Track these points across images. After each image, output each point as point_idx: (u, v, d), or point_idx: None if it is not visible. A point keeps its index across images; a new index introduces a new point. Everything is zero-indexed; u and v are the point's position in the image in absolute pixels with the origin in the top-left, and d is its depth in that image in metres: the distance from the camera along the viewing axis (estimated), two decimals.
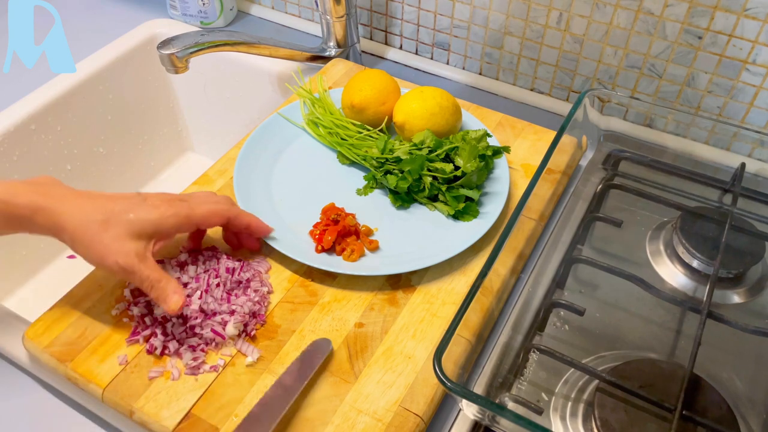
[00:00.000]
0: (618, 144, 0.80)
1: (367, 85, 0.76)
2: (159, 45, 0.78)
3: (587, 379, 0.58)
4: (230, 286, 0.61)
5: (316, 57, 0.93)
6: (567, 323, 0.63)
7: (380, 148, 0.73)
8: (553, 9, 0.83)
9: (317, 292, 0.64)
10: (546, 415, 0.56)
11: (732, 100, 0.80)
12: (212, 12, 1.04)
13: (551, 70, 0.89)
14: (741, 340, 0.62)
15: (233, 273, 0.62)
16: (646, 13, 0.78)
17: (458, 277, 0.65)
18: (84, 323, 0.60)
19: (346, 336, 0.60)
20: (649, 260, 0.70)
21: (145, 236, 0.55)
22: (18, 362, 0.62)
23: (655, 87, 0.83)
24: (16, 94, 0.89)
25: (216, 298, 0.60)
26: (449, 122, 0.74)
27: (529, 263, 0.68)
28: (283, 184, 0.74)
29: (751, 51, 0.75)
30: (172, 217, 0.57)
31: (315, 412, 0.55)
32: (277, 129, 0.79)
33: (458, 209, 0.68)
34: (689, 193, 0.75)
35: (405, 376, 0.57)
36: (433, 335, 0.60)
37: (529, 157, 0.77)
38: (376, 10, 0.98)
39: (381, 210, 0.71)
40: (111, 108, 0.99)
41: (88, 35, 1.02)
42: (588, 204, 0.74)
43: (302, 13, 1.07)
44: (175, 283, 0.57)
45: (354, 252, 0.65)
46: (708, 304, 0.61)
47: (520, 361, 0.60)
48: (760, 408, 0.57)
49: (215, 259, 0.63)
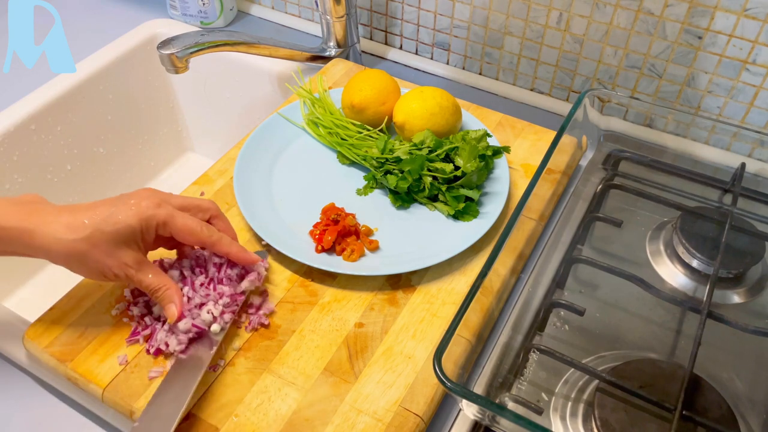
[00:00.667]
0: (618, 144, 0.80)
1: (367, 85, 0.76)
2: (159, 45, 0.78)
3: (587, 379, 0.58)
4: (220, 280, 0.60)
5: (316, 57, 0.93)
6: (567, 323, 0.63)
7: (380, 148, 0.73)
8: (553, 9, 0.83)
9: (317, 292, 0.64)
10: (546, 415, 0.56)
11: (732, 100, 0.80)
12: (212, 12, 1.04)
13: (551, 70, 0.89)
14: (741, 340, 0.62)
15: (220, 269, 0.61)
16: (646, 13, 0.78)
17: (458, 277, 0.65)
18: (84, 323, 0.60)
19: (346, 336, 0.60)
20: (649, 260, 0.70)
21: (133, 241, 0.55)
22: (18, 362, 0.62)
23: (655, 87, 0.83)
24: (16, 94, 0.89)
25: (198, 293, 0.58)
26: (449, 122, 0.74)
27: (529, 263, 0.68)
28: (283, 184, 0.74)
29: (751, 51, 0.75)
30: (152, 218, 0.55)
31: (315, 412, 0.55)
32: (277, 129, 0.79)
33: (458, 209, 0.68)
34: (689, 193, 0.75)
35: (405, 376, 0.57)
36: (433, 335, 0.60)
37: (529, 157, 0.77)
38: (376, 10, 0.98)
39: (381, 210, 0.71)
40: (111, 108, 0.99)
41: (88, 35, 1.02)
42: (588, 204, 0.74)
43: (302, 13, 1.07)
44: (173, 291, 0.56)
45: (354, 252, 0.65)
46: (708, 304, 0.61)
47: (520, 361, 0.60)
48: (760, 408, 0.57)
49: (203, 257, 0.62)
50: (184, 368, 0.55)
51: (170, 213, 0.56)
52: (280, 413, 0.55)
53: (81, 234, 0.53)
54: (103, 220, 0.54)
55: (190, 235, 0.57)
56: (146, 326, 0.59)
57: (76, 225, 0.53)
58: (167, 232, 0.57)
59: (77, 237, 0.53)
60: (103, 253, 0.54)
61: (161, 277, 0.56)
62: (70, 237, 0.53)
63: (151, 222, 0.55)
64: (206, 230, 0.58)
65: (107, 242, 0.53)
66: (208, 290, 0.59)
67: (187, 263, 0.61)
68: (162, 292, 0.56)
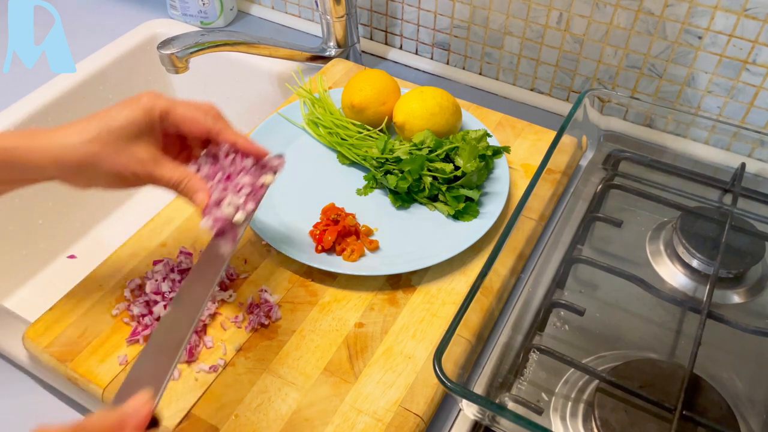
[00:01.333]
0: (618, 144, 0.80)
1: (367, 85, 0.76)
2: (159, 45, 0.78)
3: (587, 379, 0.58)
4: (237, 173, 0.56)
5: (316, 57, 0.93)
6: (567, 323, 0.63)
7: (380, 148, 0.73)
8: (553, 9, 0.83)
9: (317, 292, 0.64)
10: (546, 415, 0.56)
11: (732, 100, 0.80)
12: (212, 12, 1.04)
13: (551, 70, 0.89)
14: (741, 340, 0.62)
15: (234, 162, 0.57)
16: (646, 13, 0.78)
17: (458, 277, 0.65)
18: (84, 323, 0.60)
19: (346, 336, 0.60)
20: (649, 260, 0.70)
21: (144, 135, 0.53)
22: (18, 362, 0.62)
23: (655, 87, 0.83)
24: (16, 94, 0.89)
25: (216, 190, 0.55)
26: (449, 122, 0.74)
27: (529, 263, 0.68)
28: (283, 184, 0.74)
29: (751, 51, 0.75)
30: (154, 108, 0.53)
31: (315, 412, 0.55)
32: (277, 129, 0.79)
33: (458, 209, 0.68)
34: (689, 193, 0.75)
35: (405, 376, 0.57)
36: (433, 335, 0.60)
37: (529, 157, 0.77)
38: (376, 10, 0.98)
39: (381, 210, 0.71)
40: None
41: (88, 35, 1.02)
42: (588, 204, 0.74)
43: (302, 13, 1.07)
44: (196, 180, 0.54)
45: (354, 252, 0.65)
46: (708, 304, 0.61)
47: (520, 361, 0.60)
48: (760, 408, 0.57)
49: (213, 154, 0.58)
50: (206, 264, 0.54)
51: (171, 102, 0.54)
52: (280, 413, 0.55)
53: (89, 135, 0.51)
54: (109, 118, 0.52)
55: (193, 123, 0.55)
56: (146, 326, 0.59)
57: (82, 128, 0.51)
58: (171, 125, 0.54)
59: (86, 138, 0.51)
60: (116, 151, 0.51)
61: (181, 169, 0.54)
62: (79, 140, 0.51)
63: (155, 112, 0.53)
64: (210, 118, 0.56)
65: (117, 139, 0.51)
66: (226, 184, 0.55)
67: (197, 164, 0.57)
68: (185, 184, 0.54)
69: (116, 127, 0.51)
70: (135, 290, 0.62)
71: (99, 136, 0.51)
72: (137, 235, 0.68)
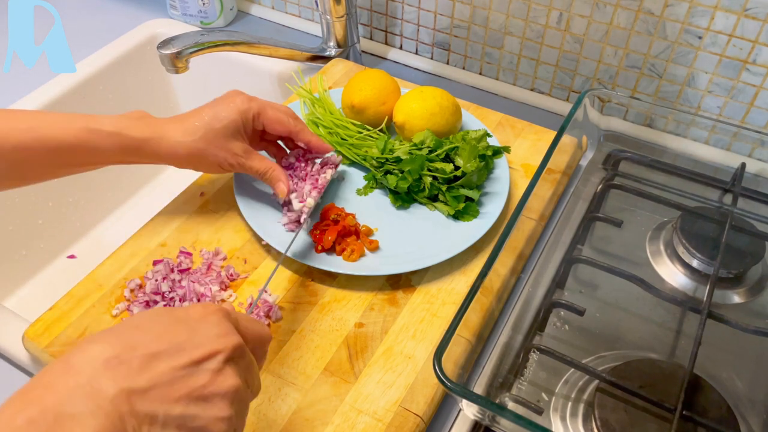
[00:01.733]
0: (618, 144, 0.80)
1: (367, 85, 0.76)
2: (159, 45, 0.78)
3: (587, 379, 0.58)
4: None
5: (316, 57, 0.93)
6: (567, 323, 0.63)
7: (380, 148, 0.73)
8: (553, 9, 0.83)
9: (317, 292, 0.64)
10: (546, 415, 0.56)
11: (732, 100, 0.80)
12: (212, 12, 1.04)
13: (551, 70, 0.89)
14: (741, 340, 0.62)
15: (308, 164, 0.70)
16: (646, 13, 0.78)
17: (458, 277, 0.65)
18: (84, 323, 0.60)
19: (346, 336, 0.60)
20: (649, 260, 0.70)
21: (238, 133, 0.64)
22: (18, 362, 0.62)
23: (655, 87, 0.83)
24: (16, 94, 0.89)
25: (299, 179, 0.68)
26: (449, 122, 0.74)
27: (529, 263, 0.68)
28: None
29: (751, 51, 0.75)
30: (249, 110, 0.64)
31: (315, 412, 0.55)
32: None
33: (458, 209, 0.68)
34: (689, 193, 0.75)
35: (405, 376, 0.57)
36: (433, 335, 0.60)
37: (529, 157, 0.77)
38: (376, 10, 0.98)
39: (381, 210, 0.71)
40: (111, 108, 0.99)
41: (88, 35, 1.02)
42: (588, 204, 0.74)
43: (302, 13, 1.07)
44: (279, 171, 0.65)
45: (354, 252, 0.65)
46: (708, 304, 0.61)
47: (520, 361, 0.60)
48: (760, 408, 0.57)
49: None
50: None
51: (262, 104, 0.65)
52: (280, 413, 0.55)
53: (197, 134, 0.62)
54: (211, 119, 0.62)
55: (279, 124, 0.66)
56: None
57: (191, 128, 0.62)
58: (260, 124, 0.65)
59: (195, 137, 0.62)
60: (217, 147, 0.63)
61: (267, 161, 0.65)
62: (189, 139, 0.62)
63: (249, 114, 0.64)
64: (292, 120, 0.67)
65: (218, 137, 0.62)
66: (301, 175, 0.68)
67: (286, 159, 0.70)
68: (270, 173, 0.65)
69: (219, 127, 0.63)
70: (135, 290, 0.62)
71: (205, 136, 0.62)
72: (137, 235, 0.68)
